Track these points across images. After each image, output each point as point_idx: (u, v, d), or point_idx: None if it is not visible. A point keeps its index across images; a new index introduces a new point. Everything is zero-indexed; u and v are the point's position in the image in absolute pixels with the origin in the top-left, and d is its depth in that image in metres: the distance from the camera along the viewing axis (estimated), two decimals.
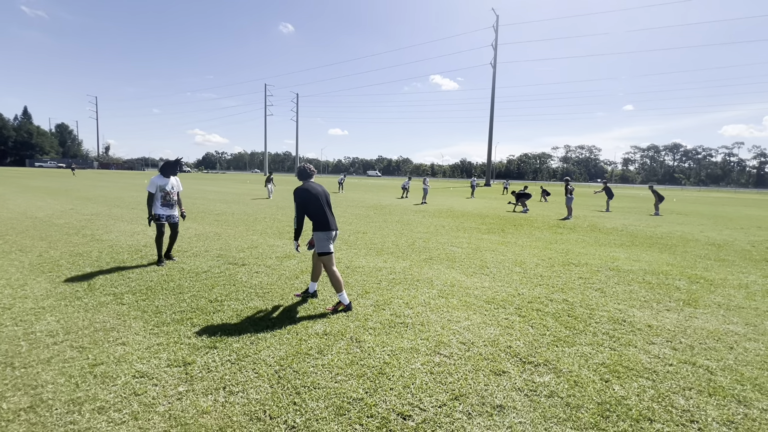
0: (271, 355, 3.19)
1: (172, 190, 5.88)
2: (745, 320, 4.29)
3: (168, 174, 5.83)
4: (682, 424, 2.46)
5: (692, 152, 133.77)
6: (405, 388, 2.77)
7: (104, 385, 2.70)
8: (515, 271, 6.14)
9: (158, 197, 5.78)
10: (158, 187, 5.74)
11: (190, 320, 3.84)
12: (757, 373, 3.11)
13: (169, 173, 5.84)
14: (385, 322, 3.93)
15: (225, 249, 7.16)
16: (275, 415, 2.43)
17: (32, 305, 4.14)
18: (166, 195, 5.82)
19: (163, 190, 5.78)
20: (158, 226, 5.83)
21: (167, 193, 5.83)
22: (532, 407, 2.58)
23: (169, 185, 5.84)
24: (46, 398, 2.54)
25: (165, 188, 5.79)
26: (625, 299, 4.90)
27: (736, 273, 6.50)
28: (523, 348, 3.45)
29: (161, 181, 5.77)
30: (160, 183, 5.76)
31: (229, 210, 13.83)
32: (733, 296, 5.18)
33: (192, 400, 2.57)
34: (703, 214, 18.20)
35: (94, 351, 3.18)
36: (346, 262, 6.37)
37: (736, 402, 2.70)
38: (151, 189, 5.69)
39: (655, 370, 3.12)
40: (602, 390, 2.80)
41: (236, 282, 5.14)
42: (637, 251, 8.15)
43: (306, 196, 4.14)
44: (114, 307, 4.15)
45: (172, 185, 5.88)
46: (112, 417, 2.38)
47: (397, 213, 14.46)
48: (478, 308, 4.42)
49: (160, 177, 5.80)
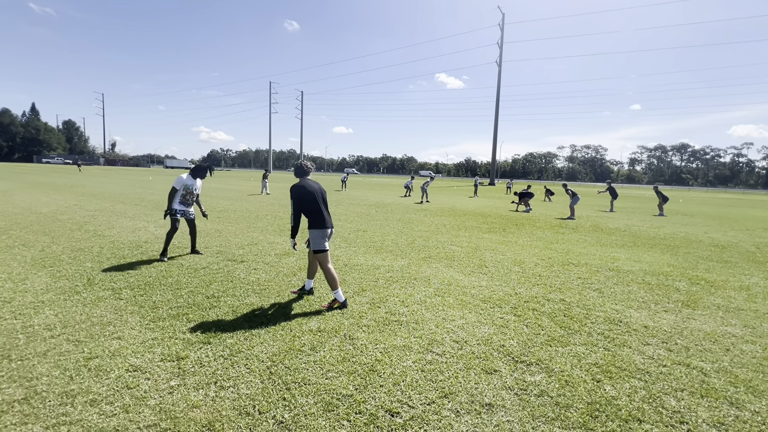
0: (264, 351, 3.21)
1: (195, 192, 6.14)
2: (744, 322, 4.25)
3: (197, 176, 6.07)
4: (672, 425, 2.44)
5: (700, 152, 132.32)
6: (395, 385, 2.78)
7: (98, 378, 2.74)
8: (514, 271, 6.12)
9: (179, 195, 6.01)
10: (184, 186, 5.97)
11: (186, 316, 3.87)
12: (752, 375, 3.08)
13: (198, 176, 6.08)
14: (379, 319, 3.94)
15: (225, 246, 7.20)
16: (264, 410, 2.45)
17: (32, 299, 4.20)
18: (188, 194, 6.06)
19: (187, 189, 6.01)
20: (173, 221, 6.02)
21: (189, 193, 6.06)
22: (521, 406, 2.58)
23: (194, 186, 6.09)
24: (41, 390, 2.58)
25: (190, 188, 6.03)
26: (623, 300, 4.87)
27: (738, 275, 6.43)
28: (517, 347, 3.44)
29: (189, 181, 6.02)
30: (187, 183, 6.00)
31: (232, 207, 13.91)
32: (733, 298, 5.13)
33: (183, 394, 2.60)
34: (709, 215, 18.02)
35: (90, 345, 3.22)
36: (345, 260, 6.38)
37: (728, 404, 2.68)
38: (177, 185, 5.91)
39: (648, 370, 3.10)
40: (593, 390, 2.79)
41: (234, 278, 5.17)
42: (639, 252, 8.09)
43: (302, 193, 4.16)
44: (112, 302, 4.20)
45: (196, 187, 6.13)
46: (104, 409, 2.41)
47: (398, 211, 14.46)
48: (474, 307, 4.42)
49: (189, 177, 6.03)
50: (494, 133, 57.39)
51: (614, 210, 18.02)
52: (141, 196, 16.96)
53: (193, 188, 6.05)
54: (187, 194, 6.03)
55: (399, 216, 12.96)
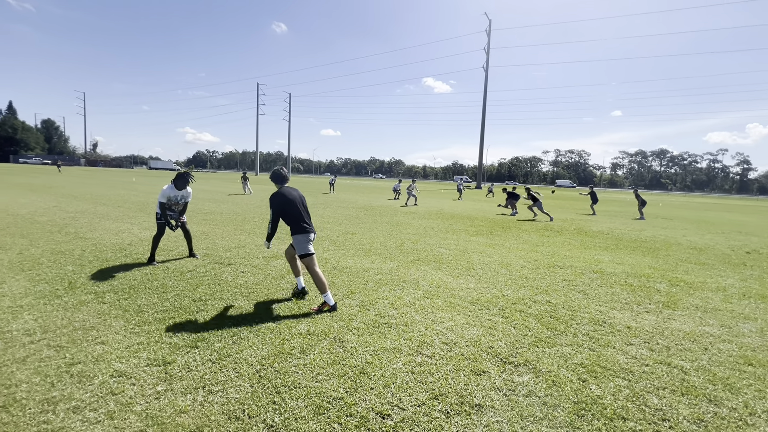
0: (252, 354, 3.18)
1: (180, 201, 6.19)
2: (721, 322, 4.40)
3: (180, 187, 6.04)
4: (655, 422, 2.52)
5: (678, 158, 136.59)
6: (385, 387, 2.78)
7: (80, 385, 2.67)
8: (501, 273, 6.20)
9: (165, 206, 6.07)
10: (168, 198, 6.00)
11: (172, 319, 3.80)
12: (729, 373, 3.19)
13: (180, 186, 6.05)
14: (369, 322, 3.94)
15: (212, 248, 7.10)
16: (254, 414, 2.43)
17: (9, 303, 4.06)
18: (173, 205, 6.14)
19: (171, 200, 6.07)
20: (159, 225, 5.98)
21: (175, 204, 6.15)
22: (510, 406, 2.62)
23: (179, 197, 6.13)
24: (20, 398, 2.50)
25: (174, 199, 6.09)
26: (606, 301, 4.99)
27: (714, 276, 6.66)
28: (505, 348, 3.49)
29: (172, 192, 6.03)
30: (170, 194, 6.02)
31: (218, 209, 13.70)
32: (710, 299, 5.31)
33: (170, 399, 2.55)
34: (687, 218, 18.59)
35: (72, 350, 3.13)
36: (334, 263, 6.37)
37: (707, 401, 2.78)
38: (162, 199, 5.96)
39: (631, 370, 3.18)
40: (579, 389, 2.86)
41: (221, 281, 5.11)
42: (621, 254, 8.30)
43: (284, 201, 4.25)
44: (95, 306, 4.09)
45: (181, 196, 6.16)
46: (87, 416, 2.35)
47: (387, 214, 14.48)
48: (463, 309, 4.46)
49: (172, 188, 6.02)
50: (481, 137, 58.09)
51: (596, 213, 18.49)
52: (124, 197, 16.57)
53: (177, 199, 6.10)
54: (173, 205, 6.10)
55: (387, 219, 12.98)
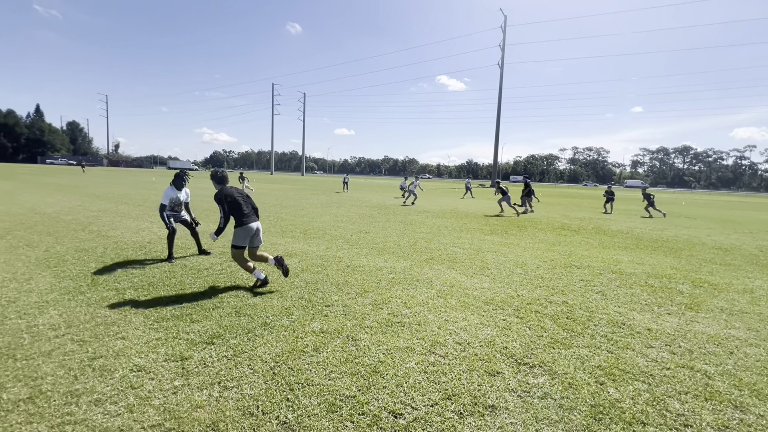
0: (267, 351, 3.22)
1: (182, 201, 6.45)
2: (748, 325, 4.23)
3: (179, 187, 6.32)
4: (676, 428, 2.44)
5: (702, 155, 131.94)
6: (398, 386, 2.78)
7: (102, 378, 2.75)
8: (516, 273, 6.11)
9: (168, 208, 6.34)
10: (170, 199, 6.27)
11: (189, 316, 3.89)
12: (756, 379, 3.07)
13: (179, 186, 6.32)
14: (382, 321, 3.94)
15: (228, 247, 7.21)
16: (268, 411, 2.46)
17: (36, 299, 4.22)
18: (176, 206, 6.40)
19: (173, 201, 6.32)
20: (166, 225, 6.23)
21: (177, 204, 6.40)
22: (525, 408, 2.58)
23: (181, 196, 6.39)
24: (45, 390, 2.59)
25: (176, 200, 6.35)
26: (625, 302, 4.86)
27: (741, 277, 6.41)
28: (519, 349, 3.44)
29: (174, 193, 6.30)
30: (172, 195, 6.28)
31: None
32: (736, 301, 5.11)
33: (187, 394, 2.60)
34: (712, 217, 17.95)
35: (94, 344, 3.23)
36: (347, 261, 6.39)
37: (733, 407, 2.67)
38: (165, 201, 6.21)
39: (651, 373, 3.09)
40: (596, 392, 2.79)
41: (237, 279, 5.19)
42: (642, 254, 8.07)
43: (229, 193, 4.66)
44: (116, 302, 4.21)
45: (181, 196, 6.42)
46: (108, 409, 2.42)
47: (400, 213, 14.46)
48: (477, 309, 4.42)
49: (173, 189, 6.29)
50: (496, 135, 57.41)
51: (612, 212, 17.98)
52: (144, 197, 17.02)
53: (179, 199, 6.36)
54: (175, 206, 6.35)
55: (401, 218, 12.96)
